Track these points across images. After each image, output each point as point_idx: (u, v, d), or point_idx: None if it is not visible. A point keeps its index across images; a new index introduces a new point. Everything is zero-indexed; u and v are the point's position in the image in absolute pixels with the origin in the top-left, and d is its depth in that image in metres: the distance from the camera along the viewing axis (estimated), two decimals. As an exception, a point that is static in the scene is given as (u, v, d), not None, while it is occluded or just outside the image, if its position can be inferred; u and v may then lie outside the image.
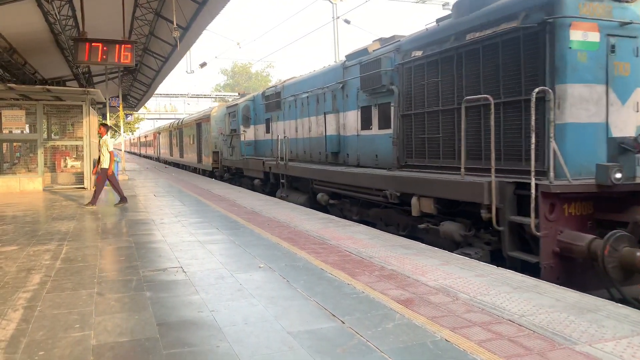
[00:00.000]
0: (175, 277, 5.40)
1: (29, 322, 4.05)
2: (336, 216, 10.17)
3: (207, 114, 24.07)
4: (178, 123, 33.97)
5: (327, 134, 12.24)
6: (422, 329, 3.79)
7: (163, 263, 6.08)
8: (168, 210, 10.97)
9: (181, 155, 32.18)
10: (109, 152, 11.84)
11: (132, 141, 77.69)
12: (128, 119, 43.53)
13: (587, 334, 3.66)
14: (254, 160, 16.95)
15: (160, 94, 64.00)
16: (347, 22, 26.26)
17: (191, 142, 28.32)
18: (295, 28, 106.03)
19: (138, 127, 65.49)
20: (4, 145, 17.78)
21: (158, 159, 44.49)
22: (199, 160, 25.89)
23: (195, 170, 27.35)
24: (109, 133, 12.53)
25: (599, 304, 4.36)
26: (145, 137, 61.35)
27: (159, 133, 44.71)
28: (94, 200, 11.79)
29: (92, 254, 6.67)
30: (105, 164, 11.82)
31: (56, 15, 12.11)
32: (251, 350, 3.44)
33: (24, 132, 16.39)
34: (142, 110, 53.93)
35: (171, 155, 37.02)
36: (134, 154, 70.67)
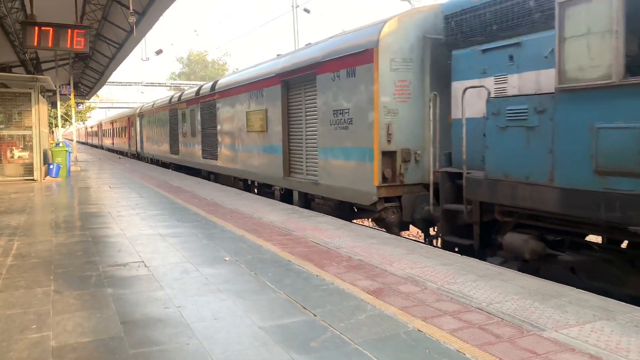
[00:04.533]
0: (137, 272, 5.21)
1: (-19, 324, 3.81)
2: None
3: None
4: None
5: None
6: (394, 319, 3.79)
7: (123, 258, 5.86)
8: (125, 202, 10.60)
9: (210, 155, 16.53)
10: None
11: (89, 130, 67.80)
12: (79, 107, 41.42)
13: (552, 319, 3.76)
14: None
15: (114, 82, 61.79)
16: (307, 11, 26.06)
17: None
18: (254, 16, 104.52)
19: (90, 117, 63.07)
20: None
21: (138, 155, 30.45)
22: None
23: None
24: None
25: (561, 290, 4.49)
26: (111, 123, 43.75)
27: (141, 116, 28.81)
28: None
29: (47, 249, 6.35)
30: None
31: (0, -3, 11.41)
32: (223, 346, 3.34)
33: (-34, 121, 15.43)
34: (93, 98, 51.97)
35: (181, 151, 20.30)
36: (94, 146, 57.90)
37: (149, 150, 27.05)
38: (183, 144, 19.88)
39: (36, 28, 10.32)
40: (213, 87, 15.93)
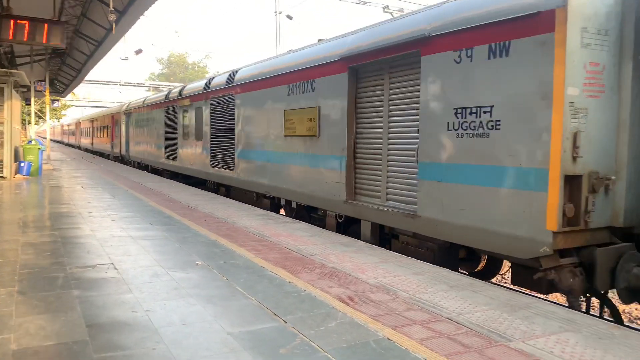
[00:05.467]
0: (106, 275, 5.11)
1: (-62, 325, 3.67)
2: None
3: None
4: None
5: None
6: (365, 327, 3.80)
7: (92, 259, 5.74)
8: (97, 203, 10.40)
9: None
10: None
11: (66, 128, 61.08)
12: (54, 105, 40.31)
13: (520, 330, 3.81)
14: None
15: (91, 81, 60.75)
16: (290, 17, 26.11)
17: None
18: (237, 20, 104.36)
19: (65, 114, 61.83)
20: None
21: (122, 158, 27.10)
22: None
23: None
24: None
25: (529, 301, 4.56)
26: (92, 121, 38.61)
27: (128, 114, 25.20)
28: None
29: (12, 248, 6.18)
30: None
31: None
32: (190, 352, 3.29)
33: None
34: (69, 96, 51.03)
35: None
36: (71, 145, 52.98)
37: (137, 153, 23.06)
38: (183, 148, 16.39)
39: (12, 21, 10.07)
40: (231, 78, 12.60)
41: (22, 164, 16.14)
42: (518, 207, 5.28)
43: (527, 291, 6.98)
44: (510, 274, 6.11)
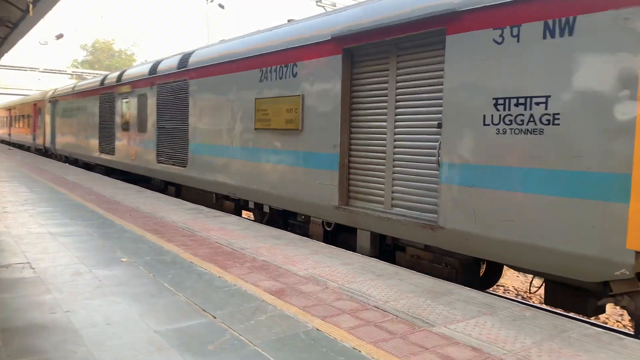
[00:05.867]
0: (22, 275, 4.81)
1: None
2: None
3: None
4: None
5: None
6: (295, 319, 3.84)
7: (6, 258, 5.38)
8: (12, 197, 9.75)
9: None
10: None
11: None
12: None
13: (442, 316, 4.01)
14: None
15: (6, 66, 56.49)
16: (222, 7, 25.58)
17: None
18: (167, 7, 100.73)
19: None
20: None
21: (46, 151, 24.74)
22: None
23: None
24: None
25: (451, 288, 4.80)
26: (9, 110, 34.46)
27: (54, 102, 22.61)
28: None
29: None
30: None
31: None
32: (114, 353, 3.18)
33: None
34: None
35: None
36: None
37: (65, 146, 20.69)
38: (122, 140, 14.65)
39: None
40: (184, 61, 11.05)
41: None
42: (585, 221, 4.31)
43: (561, 311, 5.84)
44: (543, 292, 5.21)
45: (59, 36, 30.19)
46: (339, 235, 7.28)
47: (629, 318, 4.91)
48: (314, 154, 7.27)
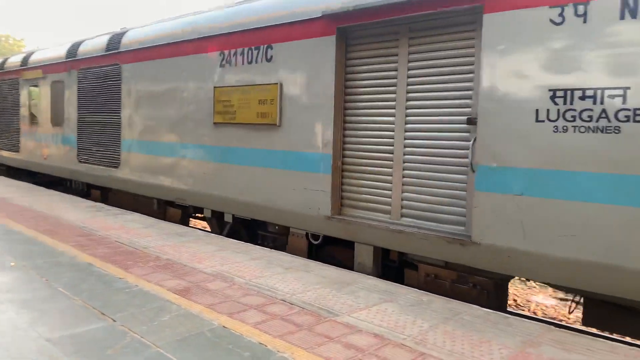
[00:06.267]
0: None
1: None
2: None
3: None
4: None
5: None
6: (200, 317, 3.78)
7: None
8: None
9: None
10: None
11: None
12: None
13: (346, 305, 4.15)
14: None
15: None
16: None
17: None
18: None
19: None
20: None
21: None
22: None
23: None
24: None
25: (355, 277, 4.98)
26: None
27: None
28: None
29: None
30: None
31: None
32: (-2, 366, 2.95)
33: None
34: None
35: None
36: None
37: None
38: (31, 136, 12.58)
39: None
40: (114, 42, 9.38)
41: None
42: None
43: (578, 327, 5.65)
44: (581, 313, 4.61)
45: None
46: (324, 250, 6.28)
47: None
48: (296, 154, 6.14)
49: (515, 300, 8.01)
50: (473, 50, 4.80)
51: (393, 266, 5.64)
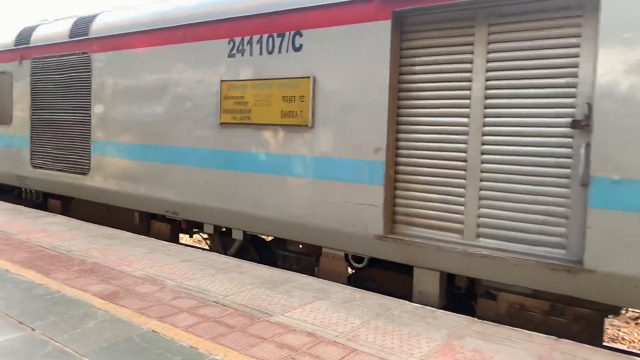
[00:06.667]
0: None
1: None
2: None
3: None
4: None
5: None
6: (128, 322, 3.65)
7: None
8: None
9: None
10: None
11: None
12: None
13: (280, 305, 4.15)
14: None
15: None
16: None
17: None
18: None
19: None
20: None
21: None
22: None
23: None
24: None
25: (289, 276, 4.99)
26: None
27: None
28: None
29: None
30: None
31: None
32: None
33: None
34: None
35: None
36: None
37: None
38: None
39: None
40: (81, 28, 8.08)
41: None
42: None
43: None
44: None
45: None
46: (367, 273, 5.44)
47: None
48: (334, 160, 5.22)
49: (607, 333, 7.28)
50: (577, 41, 4.05)
51: (458, 294, 4.93)
